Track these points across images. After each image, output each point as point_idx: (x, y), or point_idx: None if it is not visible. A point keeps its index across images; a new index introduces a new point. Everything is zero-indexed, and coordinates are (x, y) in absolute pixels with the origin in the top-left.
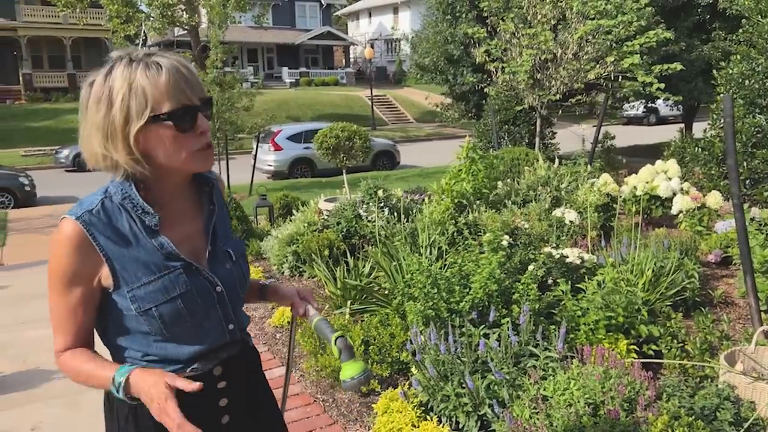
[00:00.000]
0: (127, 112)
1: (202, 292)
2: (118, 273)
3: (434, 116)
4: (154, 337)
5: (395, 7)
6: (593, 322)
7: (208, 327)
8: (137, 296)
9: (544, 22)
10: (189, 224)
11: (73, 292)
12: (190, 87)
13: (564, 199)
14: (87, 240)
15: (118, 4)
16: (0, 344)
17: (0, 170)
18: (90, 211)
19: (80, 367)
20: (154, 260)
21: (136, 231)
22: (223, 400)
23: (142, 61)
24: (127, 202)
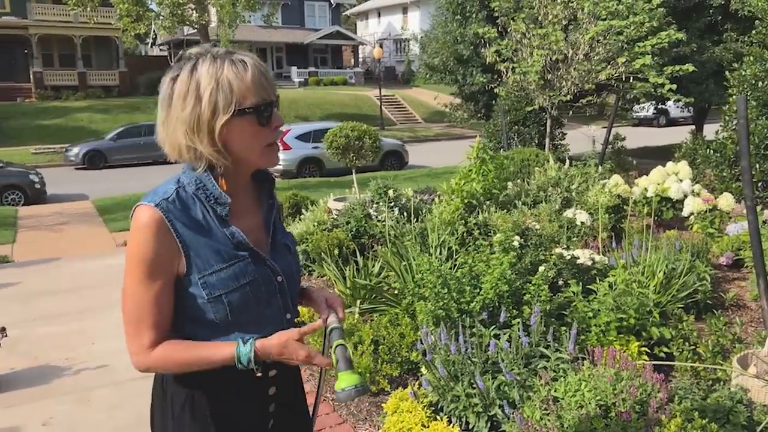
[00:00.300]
0: (215, 105)
1: (266, 281)
2: (192, 260)
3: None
4: (220, 325)
5: (404, 7)
6: (604, 324)
7: (270, 315)
8: (208, 283)
9: (555, 22)
10: (251, 217)
11: (156, 280)
12: (269, 84)
13: (575, 200)
14: (166, 226)
15: (128, 3)
16: (11, 340)
17: (11, 168)
18: (166, 199)
19: (184, 355)
20: (225, 248)
21: (209, 220)
22: (272, 389)
23: (227, 58)
24: (201, 192)
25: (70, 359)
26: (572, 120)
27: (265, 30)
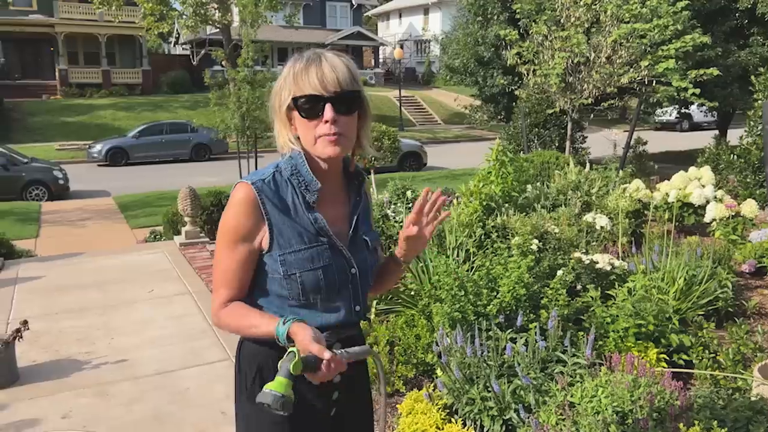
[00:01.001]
0: (281, 97)
1: (340, 270)
2: (275, 237)
3: (462, 118)
4: (291, 302)
5: (426, 8)
6: (623, 330)
7: (339, 302)
8: (287, 261)
9: (578, 24)
10: (337, 208)
11: (240, 249)
12: (323, 80)
13: (594, 204)
14: (257, 203)
15: (152, 2)
16: (33, 334)
17: (35, 163)
18: (263, 180)
19: (243, 318)
20: (307, 232)
21: (297, 203)
22: (337, 376)
23: (311, 57)
24: (294, 178)
25: (90, 353)
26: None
27: (287, 30)
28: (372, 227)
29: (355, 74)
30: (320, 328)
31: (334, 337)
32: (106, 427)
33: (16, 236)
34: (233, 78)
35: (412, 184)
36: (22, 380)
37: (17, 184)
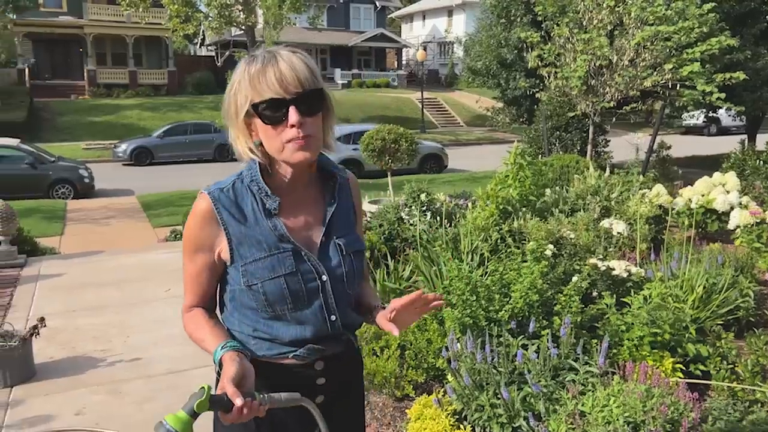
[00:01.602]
0: (236, 103)
1: (307, 278)
2: (234, 247)
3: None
4: (262, 314)
5: (450, 10)
6: (637, 338)
7: (310, 314)
8: (248, 271)
9: (600, 27)
10: (309, 213)
11: (197, 258)
12: (282, 80)
13: (614, 210)
14: (212, 213)
15: (178, 4)
16: (51, 330)
17: (62, 162)
18: (221, 189)
19: (196, 330)
20: (267, 240)
21: (256, 211)
22: (320, 397)
23: (265, 56)
24: (254, 185)
25: (106, 351)
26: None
27: (311, 32)
28: (354, 230)
29: (315, 70)
30: (295, 342)
31: (316, 354)
32: (118, 425)
33: (42, 233)
34: None
35: (430, 187)
36: (38, 376)
37: (44, 182)
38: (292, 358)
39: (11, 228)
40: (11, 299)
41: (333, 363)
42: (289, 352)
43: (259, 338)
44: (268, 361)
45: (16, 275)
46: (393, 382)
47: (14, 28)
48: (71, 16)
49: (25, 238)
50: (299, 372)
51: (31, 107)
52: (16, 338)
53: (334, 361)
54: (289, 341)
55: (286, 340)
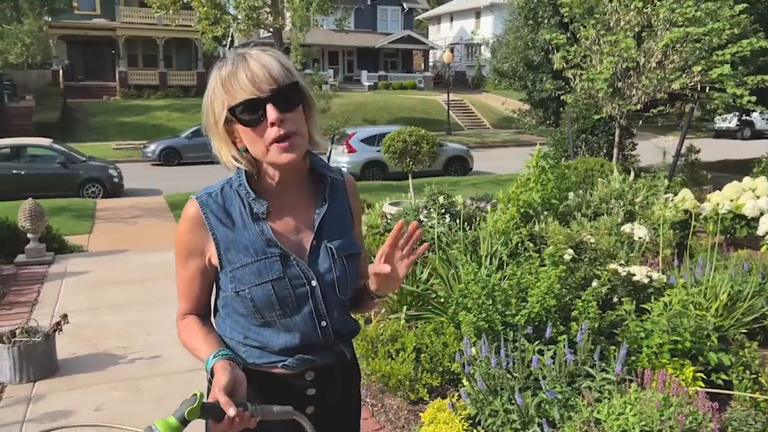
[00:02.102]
0: (214, 111)
1: (295, 283)
2: (222, 253)
3: (511, 122)
4: (252, 321)
5: (477, 12)
6: (657, 346)
7: (300, 320)
8: (236, 276)
9: (627, 28)
10: (299, 217)
11: (189, 264)
12: (254, 80)
13: (638, 214)
14: (200, 218)
15: (207, 6)
16: (75, 327)
17: (92, 162)
18: (209, 194)
19: (189, 338)
20: (254, 245)
21: (244, 216)
22: (310, 407)
23: (236, 58)
24: (242, 189)
25: (127, 348)
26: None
27: (338, 34)
28: (349, 233)
29: (288, 65)
30: (285, 350)
31: (306, 364)
32: (136, 421)
33: (71, 231)
34: None
35: (454, 189)
36: (61, 372)
37: (75, 181)
38: (281, 367)
39: (40, 226)
40: (38, 295)
41: (324, 374)
42: (279, 362)
43: (249, 346)
44: (259, 370)
45: (44, 272)
46: (407, 385)
47: (49, 30)
48: (104, 18)
49: (54, 236)
50: (289, 381)
51: (65, 108)
52: (39, 334)
53: (326, 372)
54: (279, 350)
55: (276, 348)
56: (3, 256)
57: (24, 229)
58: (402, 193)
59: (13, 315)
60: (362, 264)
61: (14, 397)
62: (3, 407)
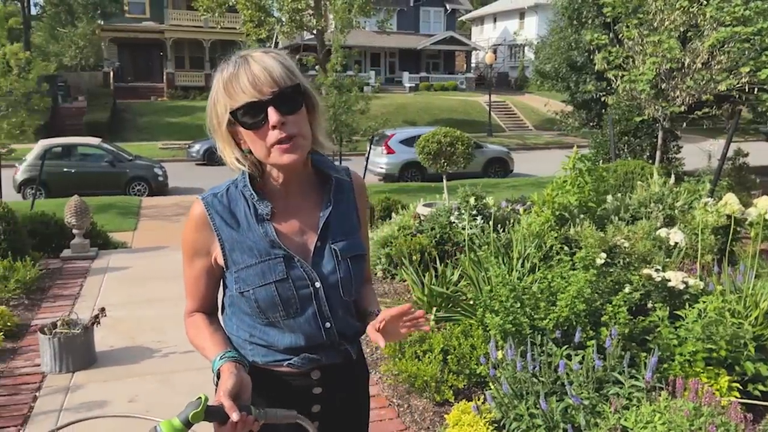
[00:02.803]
0: (217, 113)
1: (299, 284)
2: (227, 253)
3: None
4: (257, 320)
5: (521, 13)
6: (690, 353)
7: (303, 321)
8: (240, 277)
9: (672, 28)
10: (303, 218)
11: (195, 264)
12: (256, 82)
13: (678, 219)
14: (205, 219)
15: (251, 9)
16: (114, 320)
17: (138, 161)
18: (215, 195)
19: (197, 337)
20: (258, 246)
21: (249, 217)
22: (316, 406)
23: (237, 60)
24: (247, 191)
25: (161, 342)
26: (694, 133)
27: (380, 35)
28: (355, 234)
29: (290, 67)
30: (290, 350)
31: (311, 363)
32: (167, 414)
33: (117, 228)
34: (321, 83)
35: (494, 191)
36: (98, 363)
37: (121, 179)
38: (287, 366)
39: (85, 222)
40: (81, 289)
41: (330, 373)
42: (284, 360)
43: (255, 344)
44: (264, 368)
45: (87, 267)
46: (433, 386)
47: (101, 33)
48: (153, 21)
49: (98, 232)
50: (295, 380)
51: (114, 108)
52: (79, 326)
53: (332, 371)
54: (284, 349)
55: (281, 347)
56: (50, 251)
57: (70, 225)
58: (438, 194)
59: (57, 307)
60: (366, 265)
61: (53, 387)
62: (43, 396)
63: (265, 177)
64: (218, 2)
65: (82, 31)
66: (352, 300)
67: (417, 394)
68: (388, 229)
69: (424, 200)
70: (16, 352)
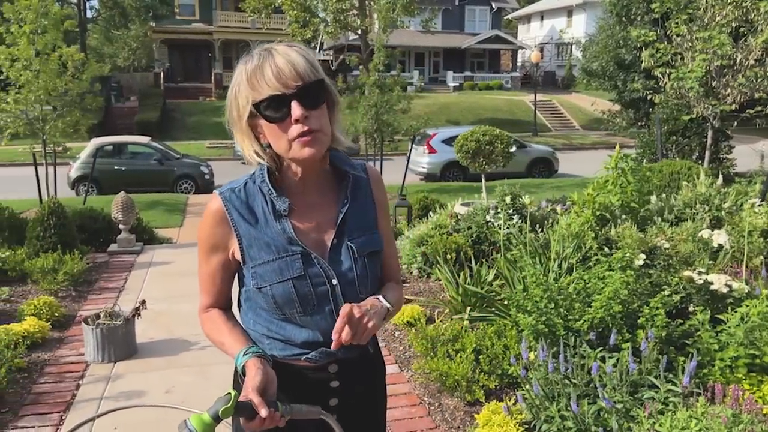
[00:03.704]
0: (238, 104)
1: (316, 281)
2: (245, 249)
3: (601, 124)
4: (274, 315)
5: (569, 10)
6: (731, 359)
7: (320, 318)
8: (257, 273)
9: (723, 24)
10: (321, 215)
11: (212, 259)
12: (280, 76)
13: (725, 221)
14: (223, 214)
15: (297, 10)
16: (154, 313)
17: (186, 159)
18: (233, 190)
19: (216, 332)
20: (276, 242)
21: (266, 213)
22: (334, 399)
23: (261, 53)
24: (264, 186)
25: (198, 336)
26: (747, 132)
27: (424, 35)
28: (372, 230)
29: (314, 62)
30: (306, 344)
31: (328, 357)
32: (202, 405)
33: (164, 224)
34: (364, 82)
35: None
36: (139, 354)
37: (169, 177)
38: (304, 360)
39: (130, 218)
40: (125, 283)
41: (347, 367)
42: (302, 354)
43: (272, 338)
44: (282, 362)
45: (132, 261)
46: (464, 385)
47: (153, 35)
48: (202, 23)
49: (144, 228)
50: (312, 374)
51: (164, 108)
52: (120, 318)
53: (349, 365)
54: (302, 343)
55: (298, 341)
56: (98, 245)
57: (116, 220)
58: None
59: (102, 299)
60: (386, 258)
61: (95, 376)
62: (85, 384)
63: (282, 172)
64: (265, 3)
65: (134, 33)
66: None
67: (448, 393)
68: (424, 227)
69: (463, 200)
70: (62, 342)
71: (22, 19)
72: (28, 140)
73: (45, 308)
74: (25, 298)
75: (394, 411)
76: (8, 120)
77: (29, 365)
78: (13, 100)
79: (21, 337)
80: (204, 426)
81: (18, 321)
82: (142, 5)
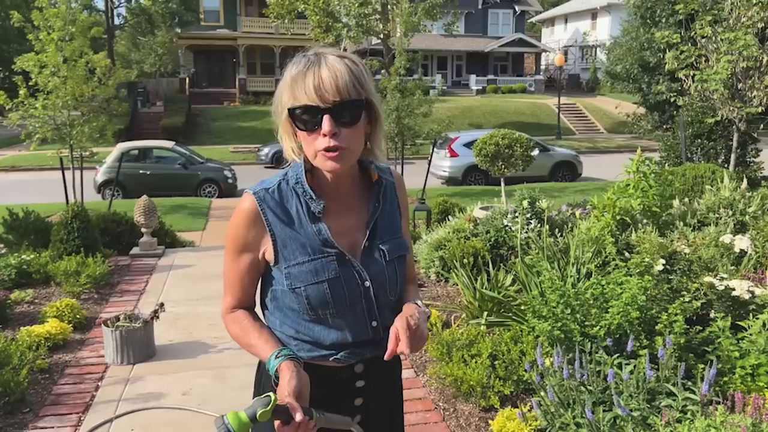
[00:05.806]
0: (282, 102)
1: (350, 283)
2: (279, 249)
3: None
4: (303, 316)
5: (594, 13)
6: (752, 367)
7: (352, 319)
8: (291, 273)
9: (749, 25)
10: (352, 217)
11: (241, 259)
12: (320, 88)
13: (750, 225)
14: (258, 213)
15: (320, 15)
16: (175, 316)
17: (209, 163)
18: (266, 189)
19: (244, 334)
20: (311, 243)
21: (301, 214)
22: (359, 399)
23: (310, 59)
24: (299, 187)
25: (217, 338)
26: None
27: (447, 38)
28: (399, 233)
29: (360, 78)
30: (335, 345)
31: (355, 357)
32: (218, 408)
33: (187, 228)
34: (385, 86)
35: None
36: (157, 356)
37: (193, 181)
38: (332, 361)
39: (152, 221)
40: (146, 285)
41: (373, 366)
42: (330, 355)
43: (300, 340)
44: (309, 363)
45: (154, 264)
46: (479, 391)
47: (178, 41)
48: (227, 29)
49: (166, 231)
50: (339, 374)
51: (189, 113)
52: (139, 320)
53: (374, 365)
54: (330, 344)
55: (326, 343)
56: (121, 249)
57: (138, 223)
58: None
59: (123, 302)
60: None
61: (114, 377)
62: (104, 386)
63: (315, 172)
64: (288, 9)
65: (160, 39)
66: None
67: (463, 399)
68: (443, 232)
69: (484, 204)
70: (83, 344)
71: (51, 26)
72: (56, 145)
73: (67, 310)
74: (48, 301)
75: (410, 416)
76: (37, 125)
77: (51, 366)
78: (41, 105)
79: (43, 339)
80: (240, 424)
81: (41, 323)
82: (168, 12)
